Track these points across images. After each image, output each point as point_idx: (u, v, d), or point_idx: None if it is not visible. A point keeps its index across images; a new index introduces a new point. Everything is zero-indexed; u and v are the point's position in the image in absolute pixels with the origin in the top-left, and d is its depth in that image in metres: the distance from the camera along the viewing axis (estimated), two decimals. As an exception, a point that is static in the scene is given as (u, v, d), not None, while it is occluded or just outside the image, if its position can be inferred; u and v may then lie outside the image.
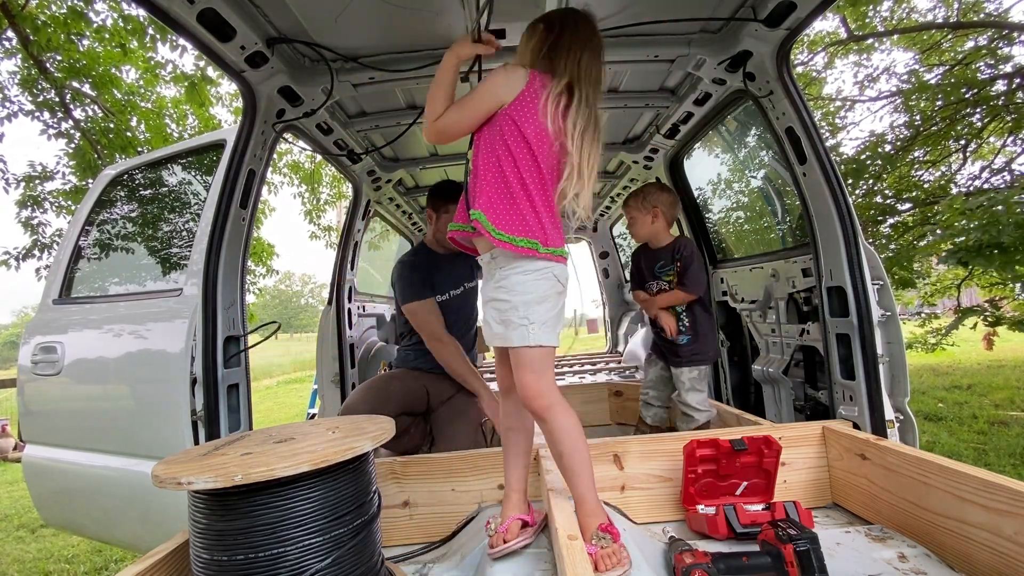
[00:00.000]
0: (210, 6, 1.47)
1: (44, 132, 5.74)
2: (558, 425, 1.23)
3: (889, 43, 7.49)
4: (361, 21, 1.73)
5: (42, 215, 6.25)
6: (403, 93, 2.28)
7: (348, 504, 1.05)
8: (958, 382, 7.25)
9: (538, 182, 1.25)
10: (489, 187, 1.25)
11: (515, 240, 1.21)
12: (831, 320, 1.80)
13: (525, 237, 1.22)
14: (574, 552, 0.98)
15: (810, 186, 1.83)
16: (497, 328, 1.28)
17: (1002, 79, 5.69)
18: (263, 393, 14.35)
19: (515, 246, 1.21)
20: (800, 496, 1.57)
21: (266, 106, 1.88)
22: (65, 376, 2.11)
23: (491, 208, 1.23)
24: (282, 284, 64.49)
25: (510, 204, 1.24)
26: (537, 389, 1.23)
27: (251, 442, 1.14)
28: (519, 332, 1.22)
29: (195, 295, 1.78)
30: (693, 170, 3.11)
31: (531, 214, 1.23)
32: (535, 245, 1.22)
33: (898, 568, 1.18)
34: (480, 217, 1.22)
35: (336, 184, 9.80)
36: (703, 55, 1.97)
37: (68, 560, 3.67)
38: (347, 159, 2.75)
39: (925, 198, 6.17)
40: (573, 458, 1.22)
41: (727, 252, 3.09)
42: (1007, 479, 1.08)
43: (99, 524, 2.20)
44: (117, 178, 2.53)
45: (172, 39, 5.46)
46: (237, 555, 0.95)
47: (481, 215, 1.23)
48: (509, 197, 1.24)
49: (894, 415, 1.67)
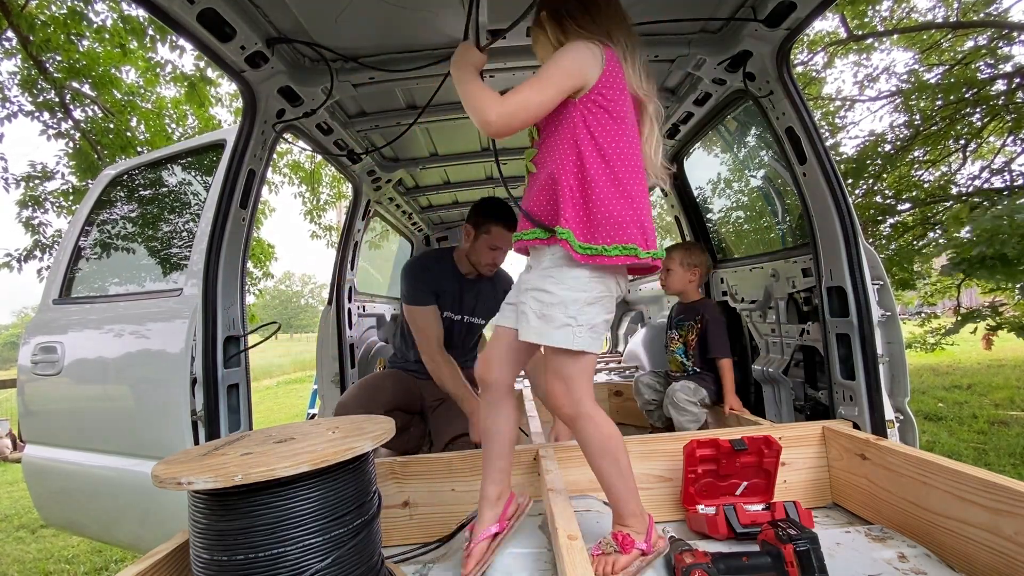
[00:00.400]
0: (210, 6, 1.47)
1: (44, 132, 5.74)
2: (587, 438, 1.17)
3: (889, 43, 7.49)
4: (361, 21, 1.73)
5: (43, 215, 6.25)
6: (403, 93, 2.28)
7: (348, 504, 1.05)
8: (958, 382, 7.25)
9: (633, 171, 1.13)
10: (572, 196, 1.10)
11: (607, 250, 1.08)
12: (831, 320, 1.80)
13: (619, 244, 1.08)
14: (574, 552, 0.98)
15: (810, 186, 1.83)
16: (535, 322, 1.13)
17: (1002, 79, 5.69)
18: (263, 393, 14.35)
19: (608, 257, 1.08)
20: (800, 496, 1.57)
21: (266, 106, 1.88)
22: (65, 376, 2.11)
23: (578, 221, 1.09)
24: (282, 284, 64.54)
25: (585, 211, 1.10)
26: (568, 398, 1.15)
27: (251, 442, 1.14)
28: (563, 332, 1.10)
29: (195, 295, 1.78)
30: (693, 170, 3.11)
31: (629, 214, 1.10)
32: (634, 251, 1.09)
33: (898, 568, 1.18)
34: (568, 236, 1.08)
35: (336, 184, 9.81)
36: (703, 55, 1.97)
37: (68, 560, 3.67)
38: (347, 159, 2.75)
39: (925, 198, 6.17)
40: (600, 468, 1.18)
41: (727, 252, 3.09)
42: (1007, 479, 1.08)
43: (99, 524, 2.20)
44: (117, 178, 2.53)
45: (172, 39, 5.46)
46: (237, 555, 0.95)
47: (569, 234, 1.08)
48: (584, 202, 1.10)
49: (894, 415, 1.67)
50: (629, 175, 1.12)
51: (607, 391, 3.09)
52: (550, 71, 1.09)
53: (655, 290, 4.20)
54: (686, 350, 2.36)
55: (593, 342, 1.13)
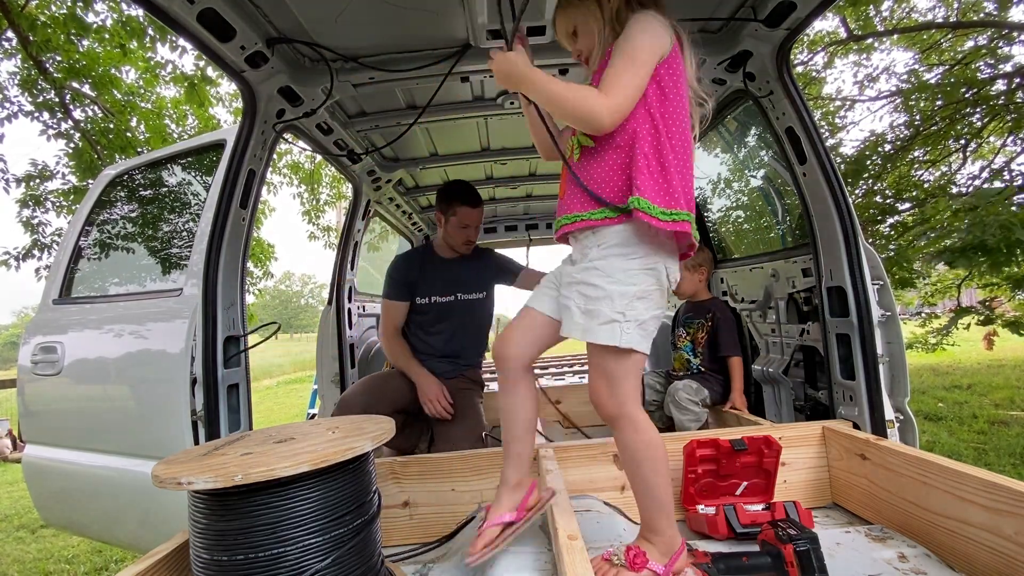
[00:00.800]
0: (210, 6, 1.47)
1: (44, 132, 5.74)
2: (625, 441, 1.11)
3: (889, 43, 7.50)
4: (361, 21, 1.73)
5: (42, 215, 6.25)
6: (403, 93, 2.28)
7: (348, 504, 1.05)
8: (958, 382, 7.25)
9: (688, 148, 1.09)
10: (648, 164, 1.04)
11: (688, 216, 1.05)
12: (831, 320, 1.80)
13: (677, 209, 1.03)
14: (574, 552, 0.98)
15: (810, 186, 1.83)
16: (579, 318, 1.09)
17: (1002, 79, 5.69)
18: (263, 393, 14.35)
19: (688, 222, 1.05)
20: (800, 496, 1.57)
21: (266, 106, 1.88)
22: (65, 376, 2.11)
23: (656, 189, 1.03)
24: (282, 284, 64.55)
25: (663, 177, 1.05)
26: (612, 399, 1.09)
27: (251, 442, 1.14)
28: (608, 329, 1.04)
29: (195, 295, 1.78)
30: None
31: (690, 188, 1.08)
32: (686, 216, 1.05)
33: (898, 568, 1.18)
34: (646, 205, 1.01)
35: (336, 184, 9.81)
36: (703, 55, 1.96)
37: (68, 560, 3.67)
38: (347, 159, 2.75)
39: (925, 198, 6.17)
40: (635, 475, 1.11)
41: (727, 252, 3.09)
42: (1007, 479, 1.08)
43: (99, 524, 2.20)
44: (117, 178, 2.53)
45: (172, 39, 5.46)
46: (237, 555, 0.95)
47: (646, 203, 1.01)
48: (661, 169, 1.05)
49: (894, 415, 1.67)
50: (686, 151, 1.09)
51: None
52: (636, 50, 1.03)
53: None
54: (694, 348, 2.36)
55: (642, 340, 1.07)
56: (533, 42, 1.84)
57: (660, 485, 1.09)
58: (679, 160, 1.06)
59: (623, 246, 1.07)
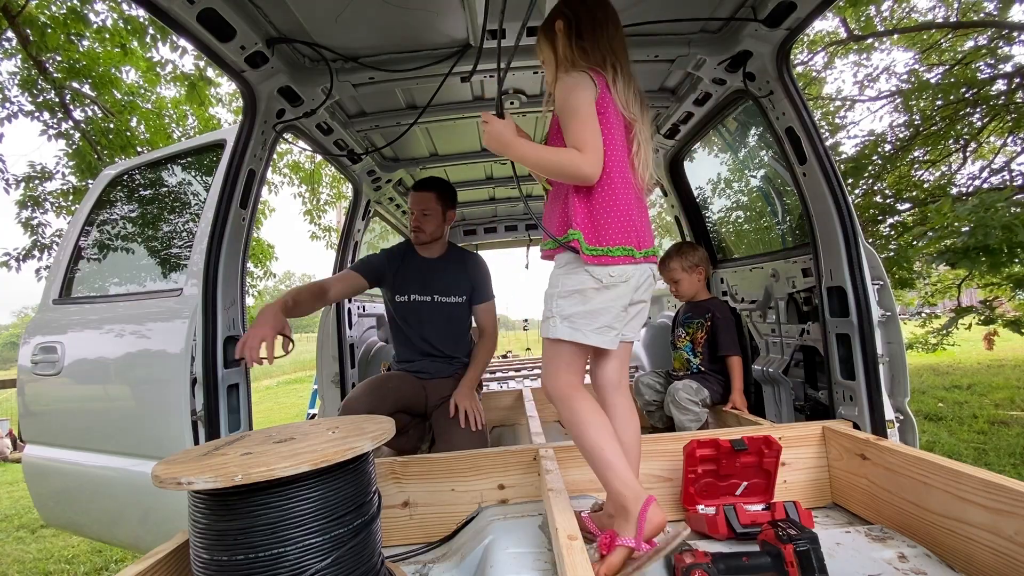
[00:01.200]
0: (210, 6, 1.48)
1: (44, 132, 5.74)
2: (562, 417, 1.26)
3: (889, 43, 7.49)
4: (361, 21, 1.73)
5: (42, 215, 6.25)
6: (403, 93, 2.29)
7: (348, 504, 1.05)
8: (958, 382, 7.26)
9: (624, 182, 1.26)
10: (580, 205, 1.24)
11: (611, 251, 1.22)
12: (831, 320, 1.80)
13: (621, 246, 1.23)
14: (574, 552, 0.98)
15: (810, 186, 1.83)
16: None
17: (1002, 79, 5.69)
18: (263, 393, 14.36)
19: (612, 257, 1.22)
20: (800, 496, 1.57)
21: (266, 106, 1.88)
22: (65, 376, 2.11)
23: (586, 226, 1.23)
24: (282, 284, 64.46)
25: (590, 218, 1.24)
26: (548, 381, 1.28)
27: (251, 442, 1.14)
28: (544, 324, 1.28)
29: (195, 295, 1.78)
30: (693, 170, 3.11)
31: (623, 222, 1.23)
32: (631, 252, 1.25)
33: (898, 568, 1.18)
34: (579, 236, 1.22)
35: (336, 184, 9.81)
36: (703, 55, 1.97)
37: (68, 560, 3.67)
38: (347, 159, 2.75)
39: (925, 198, 6.17)
40: (581, 449, 1.23)
41: (727, 252, 3.09)
42: (1007, 479, 1.08)
43: (99, 524, 2.20)
44: (117, 178, 2.53)
45: (172, 39, 5.46)
46: (237, 555, 0.95)
47: (579, 234, 1.22)
48: (589, 212, 1.24)
49: (894, 415, 1.67)
50: (622, 186, 1.25)
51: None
52: (578, 109, 1.21)
53: (655, 291, 4.20)
54: (693, 348, 2.35)
55: (572, 332, 1.22)
56: (532, 42, 1.83)
57: (600, 447, 1.19)
58: (613, 199, 1.24)
59: (564, 265, 1.28)
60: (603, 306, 1.23)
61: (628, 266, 1.24)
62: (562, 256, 1.28)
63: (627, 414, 1.34)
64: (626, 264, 1.24)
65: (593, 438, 1.21)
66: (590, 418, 1.23)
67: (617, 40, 1.31)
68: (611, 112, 1.26)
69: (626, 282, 1.24)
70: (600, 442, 1.20)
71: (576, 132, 1.20)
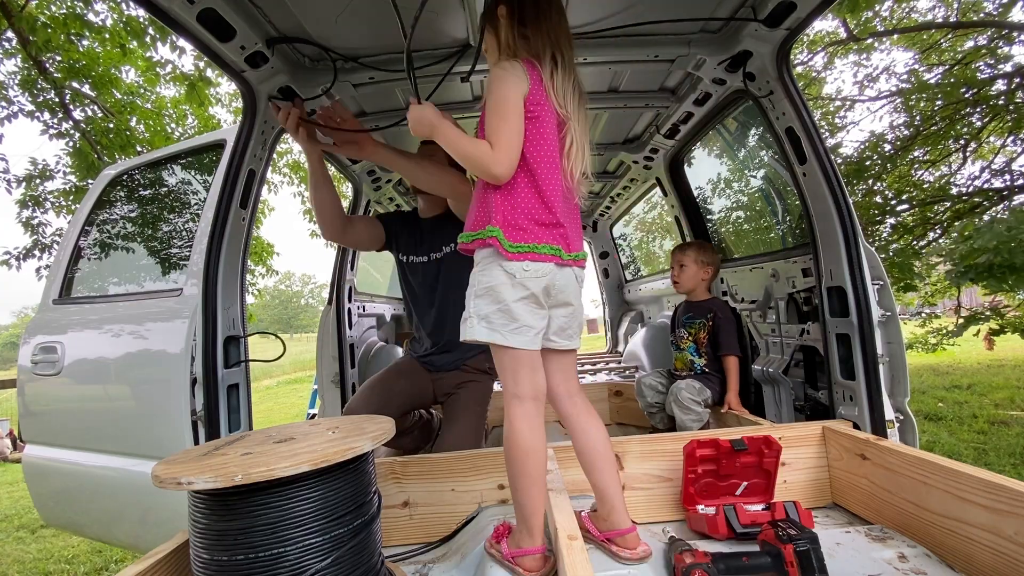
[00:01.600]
0: (210, 6, 1.47)
1: (44, 132, 5.74)
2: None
3: (889, 43, 7.50)
4: (361, 21, 1.73)
5: (42, 215, 6.26)
6: (403, 93, 2.28)
7: (348, 504, 1.05)
8: (958, 382, 7.26)
9: (552, 179, 1.20)
10: (501, 201, 1.19)
11: (537, 248, 1.17)
12: (831, 320, 1.80)
13: (548, 244, 1.19)
14: (574, 552, 0.98)
15: (810, 186, 1.83)
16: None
17: (1002, 79, 5.69)
18: (263, 393, 14.37)
19: (538, 254, 1.17)
20: (800, 496, 1.57)
21: (266, 106, 1.88)
22: (65, 376, 2.11)
23: (506, 223, 1.18)
24: (282, 284, 64.52)
25: (512, 214, 1.18)
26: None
27: (251, 442, 1.14)
28: (463, 325, 1.23)
29: (195, 295, 1.78)
30: (693, 170, 3.11)
31: (548, 218, 1.19)
32: (559, 252, 1.20)
33: (898, 568, 1.18)
34: (498, 233, 1.16)
35: (336, 184, 9.80)
36: (703, 55, 1.97)
37: (68, 560, 3.67)
38: (347, 159, 2.75)
39: (925, 198, 6.17)
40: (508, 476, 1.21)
41: (727, 252, 3.09)
42: (1007, 479, 1.08)
43: (99, 524, 2.20)
44: (117, 178, 2.53)
45: (172, 39, 5.46)
46: (237, 555, 0.95)
47: (499, 232, 1.16)
48: (512, 209, 1.19)
49: (894, 415, 1.67)
50: (548, 184, 1.20)
51: (607, 391, 3.09)
52: (501, 104, 1.16)
53: (655, 290, 4.21)
54: (697, 348, 2.35)
55: (489, 332, 1.17)
56: None
57: (518, 488, 1.19)
58: (535, 196, 1.19)
59: (480, 261, 1.23)
60: (515, 303, 1.17)
61: (547, 264, 1.19)
62: (480, 252, 1.23)
63: (583, 424, 1.29)
64: (547, 262, 1.18)
65: (523, 479, 1.18)
66: (524, 455, 1.18)
67: (561, 29, 1.26)
68: (544, 107, 1.20)
69: (540, 278, 1.18)
70: (527, 484, 1.18)
71: (493, 127, 1.15)
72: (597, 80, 2.31)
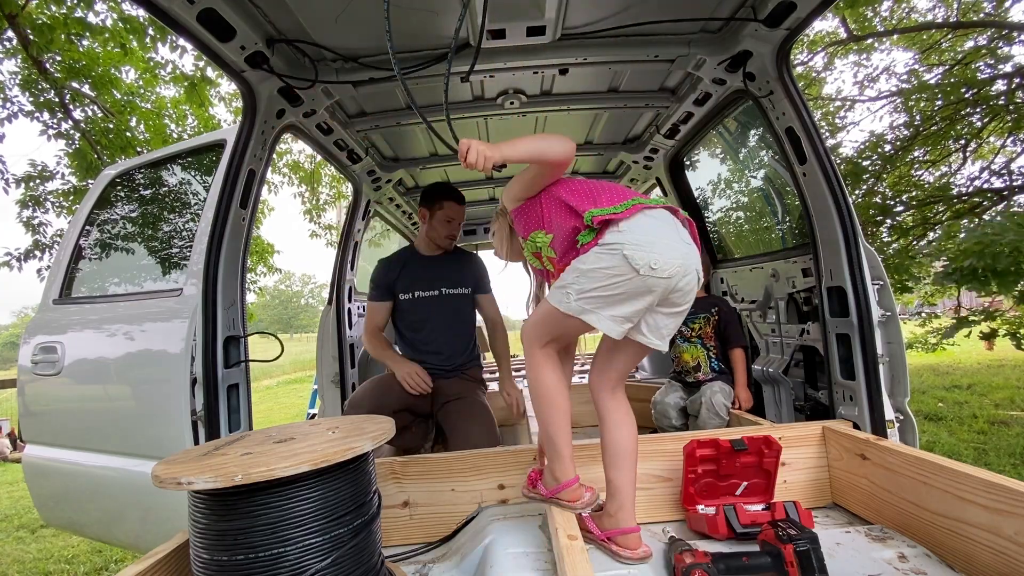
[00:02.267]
0: (210, 6, 1.48)
1: (44, 132, 5.74)
2: (528, 374, 1.33)
3: (889, 43, 7.50)
4: (361, 21, 1.73)
5: (43, 215, 6.25)
6: (403, 93, 2.28)
7: (348, 504, 1.05)
8: (958, 382, 7.26)
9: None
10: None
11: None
12: (831, 320, 1.80)
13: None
14: (574, 552, 0.98)
15: (810, 186, 1.83)
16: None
17: (1002, 79, 5.69)
18: (263, 393, 14.37)
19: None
20: (800, 496, 1.57)
21: (266, 106, 1.88)
22: (65, 376, 2.11)
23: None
24: (282, 284, 64.46)
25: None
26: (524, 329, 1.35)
27: (251, 442, 1.14)
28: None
29: (195, 295, 1.78)
30: (693, 170, 3.11)
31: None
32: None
33: (898, 568, 1.18)
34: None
35: (336, 184, 9.80)
36: (703, 55, 1.97)
37: (68, 560, 3.67)
38: (347, 159, 2.75)
39: (925, 198, 6.17)
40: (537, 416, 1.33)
41: (727, 252, 3.09)
42: (1007, 479, 1.08)
43: (99, 524, 2.20)
44: (117, 178, 2.53)
45: (172, 39, 5.46)
46: (237, 555, 0.95)
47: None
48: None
49: (894, 415, 1.67)
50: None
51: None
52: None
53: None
54: (704, 342, 2.35)
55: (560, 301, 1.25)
56: (532, 42, 1.84)
57: (552, 423, 1.28)
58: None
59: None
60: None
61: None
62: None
63: (620, 418, 1.33)
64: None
65: (553, 416, 1.28)
66: (557, 398, 1.28)
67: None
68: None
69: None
70: (557, 422, 1.28)
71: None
72: (597, 80, 2.31)
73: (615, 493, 1.28)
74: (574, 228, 1.27)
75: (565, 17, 1.76)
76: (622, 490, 1.27)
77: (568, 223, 1.28)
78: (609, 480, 1.29)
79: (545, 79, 2.24)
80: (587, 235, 1.23)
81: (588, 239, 1.22)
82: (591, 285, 1.18)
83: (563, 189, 1.34)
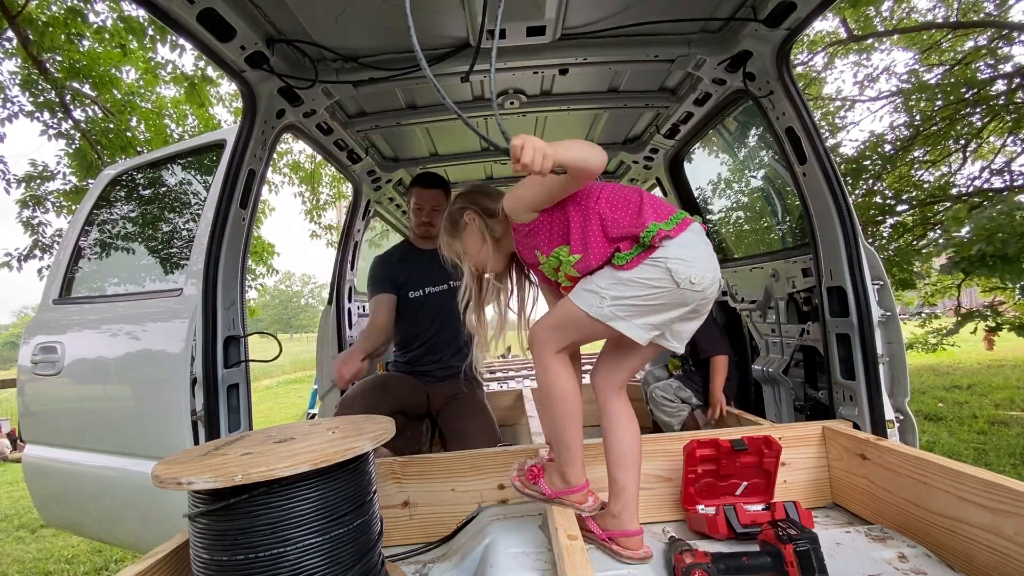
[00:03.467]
0: (210, 6, 1.48)
1: (44, 132, 5.74)
2: (538, 376, 1.30)
3: (889, 43, 7.50)
4: (361, 21, 1.73)
5: (43, 215, 6.26)
6: (403, 93, 2.28)
7: (348, 504, 1.05)
8: (958, 382, 7.26)
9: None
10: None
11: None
12: (831, 320, 1.80)
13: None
14: (574, 552, 0.98)
15: (810, 186, 1.83)
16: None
17: (1002, 79, 5.69)
18: (263, 393, 14.37)
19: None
20: (800, 496, 1.57)
21: (266, 106, 1.88)
22: (65, 376, 2.11)
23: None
24: (282, 284, 64.48)
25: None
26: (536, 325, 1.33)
27: (251, 442, 1.14)
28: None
29: (195, 295, 1.78)
30: (693, 170, 3.11)
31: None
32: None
33: (898, 568, 1.18)
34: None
35: (336, 184, 9.81)
36: (703, 55, 1.97)
37: (68, 560, 3.67)
38: (347, 159, 2.75)
39: (925, 198, 6.17)
40: (548, 417, 1.31)
41: (727, 252, 3.09)
42: (1007, 479, 1.08)
43: (99, 524, 2.20)
44: (117, 178, 2.53)
45: (172, 39, 5.46)
46: (237, 555, 0.95)
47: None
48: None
49: (894, 415, 1.67)
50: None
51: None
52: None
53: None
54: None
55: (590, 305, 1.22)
56: (532, 42, 1.84)
57: (566, 428, 1.26)
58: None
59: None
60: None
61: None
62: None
63: (623, 418, 1.33)
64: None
65: (566, 420, 1.26)
66: (570, 400, 1.27)
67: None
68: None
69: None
70: (570, 425, 1.27)
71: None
72: (597, 80, 2.31)
73: (620, 493, 1.27)
74: (612, 252, 1.21)
75: (565, 17, 1.76)
76: (627, 490, 1.26)
77: (604, 249, 1.22)
78: (614, 480, 1.29)
79: (545, 79, 2.24)
80: (628, 255, 1.18)
81: (629, 258, 1.18)
82: (628, 293, 1.17)
83: (603, 203, 1.24)
